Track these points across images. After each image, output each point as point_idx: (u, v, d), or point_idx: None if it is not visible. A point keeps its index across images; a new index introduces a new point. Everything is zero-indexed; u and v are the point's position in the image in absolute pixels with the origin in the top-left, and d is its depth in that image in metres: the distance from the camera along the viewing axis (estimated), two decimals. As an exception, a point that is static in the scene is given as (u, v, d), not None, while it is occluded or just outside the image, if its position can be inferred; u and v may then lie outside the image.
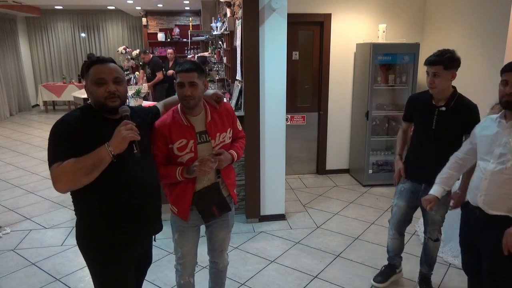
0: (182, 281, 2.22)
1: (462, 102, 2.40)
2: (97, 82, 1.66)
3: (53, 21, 11.24)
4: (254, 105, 3.70)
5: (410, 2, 5.04)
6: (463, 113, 2.36)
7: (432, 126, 2.45)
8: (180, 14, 11.31)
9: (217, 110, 2.12)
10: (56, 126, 1.62)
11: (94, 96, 1.68)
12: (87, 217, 1.73)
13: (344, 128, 5.31)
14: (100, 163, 1.56)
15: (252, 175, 3.83)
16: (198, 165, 1.94)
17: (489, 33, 3.98)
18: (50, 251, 3.43)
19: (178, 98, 2.01)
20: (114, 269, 1.78)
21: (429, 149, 2.50)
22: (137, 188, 1.75)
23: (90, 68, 1.69)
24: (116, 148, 1.58)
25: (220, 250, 2.30)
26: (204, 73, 2.01)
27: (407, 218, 2.73)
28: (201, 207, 2.07)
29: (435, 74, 2.33)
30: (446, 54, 2.31)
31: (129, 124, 1.63)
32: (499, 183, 1.90)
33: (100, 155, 1.56)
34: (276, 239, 3.62)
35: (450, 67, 2.31)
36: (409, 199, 2.65)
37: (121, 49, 8.80)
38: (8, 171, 5.63)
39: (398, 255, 2.88)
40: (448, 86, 2.39)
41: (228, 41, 4.90)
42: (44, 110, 10.46)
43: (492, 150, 1.94)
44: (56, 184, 1.55)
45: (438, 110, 2.43)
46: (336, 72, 5.11)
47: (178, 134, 1.98)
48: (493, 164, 1.92)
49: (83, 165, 1.54)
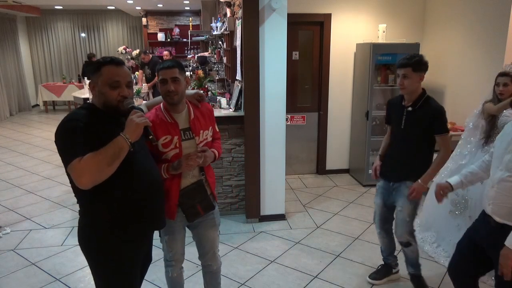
0: (175, 274, 2.27)
1: (428, 103, 2.51)
2: (112, 85, 1.67)
3: (53, 21, 11.25)
4: (254, 105, 3.70)
5: (410, 2, 5.04)
6: (428, 114, 2.48)
7: (401, 126, 2.59)
8: (180, 14, 11.31)
9: (199, 108, 2.18)
10: (66, 124, 1.61)
11: (106, 97, 1.69)
12: (94, 216, 1.72)
13: (344, 128, 5.31)
14: (120, 152, 1.59)
15: (252, 175, 3.83)
16: (185, 160, 2.01)
17: (489, 33, 3.98)
18: (50, 251, 3.43)
19: (161, 95, 2.06)
20: (122, 269, 1.78)
21: (398, 149, 2.65)
22: (144, 185, 1.77)
23: (102, 68, 1.68)
24: (132, 135, 1.62)
25: (212, 251, 2.30)
26: (185, 70, 2.08)
27: (387, 216, 2.82)
28: (185, 206, 2.09)
29: (405, 75, 2.47)
30: (415, 57, 2.47)
31: (139, 112, 1.68)
32: (506, 191, 1.84)
33: (119, 144, 1.59)
34: (276, 239, 3.62)
35: (418, 69, 2.45)
36: (384, 197, 2.77)
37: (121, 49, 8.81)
38: (8, 171, 5.63)
39: (391, 254, 2.93)
40: (417, 87, 2.51)
41: (228, 41, 4.90)
42: (44, 110, 10.46)
43: (502, 157, 1.89)
44: (81, 179, 1.54)
45: (406, 110, 2.57)
46: (336, 72, 5.11)
47: (163, 131, 2.03)
48: (501, 171, 1.87)
49: (104, 156, 1.55)
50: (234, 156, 3.98)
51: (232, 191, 4.05)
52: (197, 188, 2.13)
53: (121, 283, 1.81)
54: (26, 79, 10.66)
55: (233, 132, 3.91)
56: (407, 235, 2.64)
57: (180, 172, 2.05)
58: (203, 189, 2.15)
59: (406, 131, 2.57)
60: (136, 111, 1.69)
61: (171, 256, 2.22)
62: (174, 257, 2.23)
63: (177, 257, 2.24)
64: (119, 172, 1.64)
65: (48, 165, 5.85)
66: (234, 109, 3.93)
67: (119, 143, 1.59)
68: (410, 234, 2.65)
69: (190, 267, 3.08)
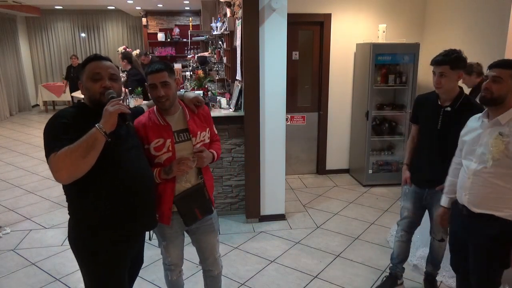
0: (174, 278, 2.27)
1: (468, 103, 2.37)
2: (93, 78, 1.68)
3: (53, 21, 11.25)
4: (254, 105, 3.70)
5: (410, 2, 5.04)
6: (468, 114, 2.29)
7: (437, 127, 2.43)
8: (180, 14, 11.31)
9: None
10: (51, 121, 1.62)
11: (89, 91, 1.70)
12: (82, 215, 1.71)
13: (344, 128, 5.31)
14: (94, 143, 1.53)
15: (252, 175, 3.83)
16: (176, 164, 1.94)
17: (489, 33, 3.98)
18: (50, 251, 3.43)
19: (152, 100, 2.02)
20: (110, 268, 1.77)
21: (433, 151, 2.47)
22: (133, 184, 1.75)
23: (86, 65, 1.71)
24: (106, 124, 1.56)
25: (212, 257, 2.26)
26: (174, 71, 2.02)
27: (415, 220, 2.69)
28: (183, 209, 2.04)
29: (442, 74, 2.31)
30: (453, 54, 2.30)
31: (115, 100, 1.62)
32: (481, 182, 1.92)
33: (92, 135, 1.54)
34: (276, 239, 3.62)
35: (456, 67, 2.30)
36: (414, 200, 2.63)
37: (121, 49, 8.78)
38: (8, 171, 5.63)
39: (402, 263, 2.82)
40: (454, 86, 2.37)
41: (228, 41, 4.90)
42: (44, 110, 10.46)
43: (474, 150, 1.96)
44: (57, 174, 1.53)
45: (443, 110, 2.41)
46: (336, 72, 5.11)
47: (155, 134, 1.97)
48: (475, 164, 1.94)
49: (76, 147, 1.52)
50: (234, 156, 3.98)
51: (232, 191, 4.05)
52: (196, 192, 2.08)
53: (108, 283, 1.79)
54: (26, 79, 10.66)
55: (233, 132, 3.91)
56: (443, 233, 2.60)
57: (173, 176, 1.99)
58: (202, 193, 2.09)
59: (444, 132, 2.39)
60: (114, 100, 1.62)
61: (169, 261, 2.21)
62: (173, 262, 2.21)
63: (175, 261, 2.22)
64: (106, 169, 1.63)
65: (48, 165, 5.84)
66: (234, 109, 3.93)
67: (92, 134, 1.54)
68: (445, 232, 2.57)
69: (190, 267, 3.08)
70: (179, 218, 2.07)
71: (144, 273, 3.01)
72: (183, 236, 2.22)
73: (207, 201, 2.12)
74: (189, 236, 2.24)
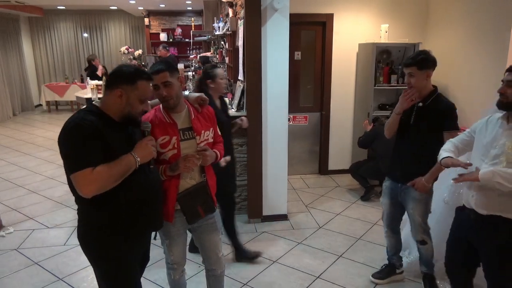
0: (177, 277, 2.28)
1: (439, 100, 2.51)
2: (142, 100, 1.76)
3: (56, 21, 11.27)
4: (256, 105, 3.70)
5: (412, 2, 5.03)
6: (438, 110, 2.47)
7: (410, 121, 2.57)
8: (182, 14, 11.33)
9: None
10: (74, 130, 1.59)
11: (132, 108, 1.73)
12: (93, 216, 1.73)
13: (347, 128, 5.30)
14: (128, 171, 1.68)
15: (254, 175, 3.83)
16: (182, 161, 1.98)
17: (492, 33, 3.97)
18: (53, 250, 3.44)
19: (158, 99, 2.06)
20: (123, 266, 1.80)
21: (405, 146, 2.62)
22: (143, 185, 1.79)
23: (139, 82, 1.72)
24: (143, 159, 1.74)
25: (215, 256, 2.28)
26: (177, 70, 2.05)
27: (395, 216, 2.82)
28: (186, 207, 2.06)
29: (410, 74, 2.48)
30: (420, 55, 2.46)
31: (153, 140, 1.83)
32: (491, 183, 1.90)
33: (130, 164, 1.68)
34: (278, 239, 3.62)
35: (424, 67, 2.44)
36: (391, 197, 2.76)
37: (124, 49, 8.83)
38: (11, 170, 5.65)
39: (396, 254, 2.93)
40: (425, 85, 2.50)
41: (230, 41, 4.91)
42: (47, 110, 10.49)
43: (488, 151, 1.94)
44: (87, 187, 1.58)
45: (416, 106, 2.55)
46: (339, 72, 5.10)
47: (161, 131, 2.01)
48: (486, 165, 1.92)
49: (115, 172, 1.63)
50: (237, 156, 3.98)
51: (234, 191, 4.05)
52: (200, 189, 2.11)
53: (123, 281, 1.82)
54: (29, 79, 10.69)
55: (235, 132, 3.90)
56: (422, 234, 2.65)
57: (178, 173, 2.03)
58: (205, 191, 2.13)
59: (416, 127, 2.54)
60: (152, 137, 1.83)
61: (172, 260, 2.22)
62: (175, 261, 2.22)
63: (178, 260, 2.23)
64: (123, 181, 1.69)
65: (51, 164, 5.87)
66: (236, 109, 3.93)
67: (130, 163, 1.68)
68: (425, 232, 2.66)
69: (193, 268, 3.08)
70: (182, 216, 2.09)
71: (147, 273, 3.00)
72: (185, 235, 2.23)
73: (210, 199, 2.15)
74: (192, 235, 2.25)
